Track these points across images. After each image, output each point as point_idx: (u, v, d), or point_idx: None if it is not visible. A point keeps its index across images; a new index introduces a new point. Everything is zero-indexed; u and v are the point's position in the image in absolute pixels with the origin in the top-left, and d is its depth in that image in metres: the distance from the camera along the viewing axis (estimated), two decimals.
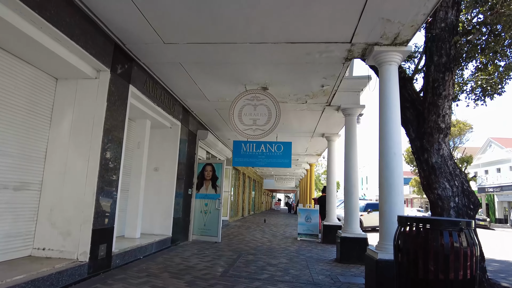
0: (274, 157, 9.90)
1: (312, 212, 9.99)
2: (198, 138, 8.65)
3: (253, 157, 10.00)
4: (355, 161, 6.75)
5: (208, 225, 8.28)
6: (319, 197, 11.10)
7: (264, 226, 13.58)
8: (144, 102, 5.74)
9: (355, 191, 6.64)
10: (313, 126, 8.97)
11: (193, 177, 8.48)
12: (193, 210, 8.38)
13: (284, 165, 9.93)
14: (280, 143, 9.91)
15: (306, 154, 14.06)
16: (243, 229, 11.89)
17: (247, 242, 8.53)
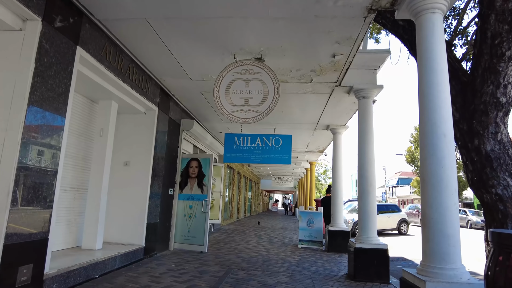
0: (271, 152, 8.63)
1: (315, 216, 8.70)
2: (182, 129, 7.34)
3: (248, 152, 8.73)
4: (372, 153, 5.47)
5: (193, 232, 6.97)
6: (322, 198, 9.83)
7: (260, 230, 12.28)
8: (104, 76, 4.44)
9: (371, 191, 5.36)
10: (317, 116, 7.69)
11: (175, 175, 7.17)
12: (175, 214, 7.07)
13: (283, 161, 8.66)
14: (279, 136, 8.64)
15: (307, 151, 12.79)
16: (237, 234, 10.58)
17: (239, 251, 7.22)
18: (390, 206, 15.46)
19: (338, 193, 8.25)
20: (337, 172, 8.37)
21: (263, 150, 8.66)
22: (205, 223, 6.87)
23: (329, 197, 9.48)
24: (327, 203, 9.38)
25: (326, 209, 9.19)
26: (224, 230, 11.54)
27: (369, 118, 5.56)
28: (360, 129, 5.58)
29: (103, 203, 5.03)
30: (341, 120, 8.01)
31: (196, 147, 9.05)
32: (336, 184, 8.31)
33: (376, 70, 5.65)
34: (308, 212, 8.81)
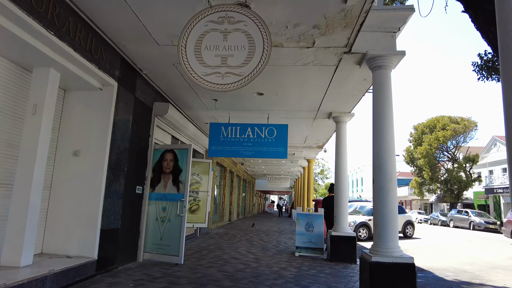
0: (264, 144, 7.39)
1: (315, 218, 7.44)
2: (154, 114, 6.05)
3: (237, 144, 7.48)
4: (392, 139, 4.23)
5: (167, 239, 5.68)
6: (324, 198, 8.57)
7: (252, 234, 11.00)
8: (33, 30, 3.17)
9: (392, 187, 4.11)
10: (318, 100, 6.44)
11: (145, 169, 5.88)
12: (144, 217, 5.78)
13: (278, 155, 7.41)
14: (273, 126, 7.39)
15: (305, 147, 11.54)
16: (225, 240, 9.29)
17: (224, 262, 5.95)
18: None
19: (342, 192, 7.01)
20: (340, 167, 7.13)
21: (255, 142, 7.41)
22: (180, 229, 5.58)
23: (331, 197, 8.24)
24: (329, 204, 8.13)
25: (329, 210, 7.94)
26: (212, 235, 10.25)
27: (387, 92, 4.32)
28: (376, 107, 4.34)
29: (34, 204, 3.72)
30: (347, 106, 6.77)
31: (176, 138, 7.76)
32: (339, 182, 7.07)
33: (396, 33, 4.41)
34: (307, 214, 7.55)
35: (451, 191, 33.32)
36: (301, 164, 16.53)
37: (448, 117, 33.75)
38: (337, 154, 7.21)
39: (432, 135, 33.37)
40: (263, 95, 6.21)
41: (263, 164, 17.72)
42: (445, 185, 33.69)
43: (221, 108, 7.22)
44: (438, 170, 34.73)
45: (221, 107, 7.14)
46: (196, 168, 9.76)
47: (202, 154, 10.07)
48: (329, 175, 32.95)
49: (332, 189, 8.35)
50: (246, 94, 6.25)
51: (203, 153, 10.11)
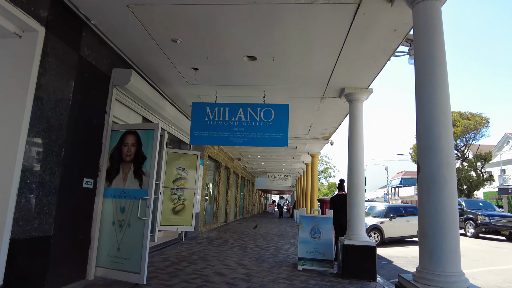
0: (260, 129, 5.97)
1: (322, 222, 5.98)
2: (113, 83, 4.60)
3: (225, 129, 6.06)
4: (447, 109, 2.76)
5: (125, 250, 4.23)
6: (333, 197, 7.09)
7: (248, 238, 9.55)
8: None
9: (450, 178, 2.64)
10: (329, 67, 4.98)
11: (99, 157, 4.43)
12: (97, 220, 4.33)
13: (277, 142, 5.99)
14: (270, 106, 5.97)
15: (309, 138, 10.06)
16: (215, 246, 7.84)
17: (203, 281, 4.49)
18: (409, 207, 12.75)
19: (358, 189, 5.54)
20: (355, 158, 5.66)
21: (248, 126, 5.97)
22: (143, 237, 4.13)
23: (342, 195, 6.77)
24: (339, 204, 6.67)
25: (338, 212, 6.47)
26: (200, 239, 8.80)
27: (437, 34, 2.84)
28: (421, 55, 2.87)
29: None
30: (364, 78, 5.30)
31: (147, 119, 6.30)
32: (354, 176, 5.60)
33: None
34: (312, 216, 6.08)
35: (461, 191, 31.78)
36: (304, 160, 15.05)
37: (458, 112, 32.14)
38: (351, 142, 5.74)
39: None
40: (256, 60, 4.75)
41: (262, 160, 16.26)
42: None
43: (205, 82, 5.76)
44: None
45: (205, 80, 5.68)
46: (182, 161, 8.33)
47: (188, 145, 8.63)
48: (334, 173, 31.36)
49: (342, 186, 6.89)
50: (234, 59, 4.79)
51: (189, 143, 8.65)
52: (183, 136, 7.94)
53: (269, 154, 14.24)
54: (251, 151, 13.48)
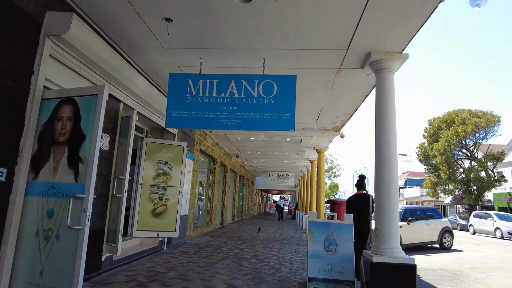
0: (258, 108, 4.56)
1: (339, 230, 4.56)
2: (45, 32, 3.17)
3: (212, 108, 4.64)
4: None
5: (50, 275, 2.80)
6: (350, 198, 5.65)
7: (245, 246, 8.13)
8: None
9: None
10: (353, 20, 3.55)
11: (19, 136, 3.01)
12: (11, 229, 2.90)
13: (281, 125, 4.58)
14: (272, 78, 4.56)
15: (316, 129, 8.62)
16: (203, 257, 6.43)
17: None
18: (429, 210, 11.31)
19: (390, 187, 4.10)
20: (385, 144, 4.22)
21: (242, 104, 4.57)
22: (76, 255, 2.71)
23: (362, 196, 5.35)
24: (360, 206, 5.25)
25: (358, 217, 5.05)
26: (187, 247, 7.39)
27: None
28: None
29: None
30: (399, 38, 3.87)
31: (117, 100, 4.87)
32: (384, 170, 4.16)
33: None
34: (326, 223, 4.64)
35: (470, 192, 30.31)
36: (308, 156, 13.63)
37: (468, 110, 30.66)
38: (380, 125, 4.31)
39: (451, 130, 30.29)
40: (251, 1, 3.32)
41: (262, 156, 14.83)
42: (464, 185, 30.65)
43: (184, 43, 4.34)
44: (456, 169, 31.69)
45: (183, 40, 4.24)
46: (164, 153, 6.94)
47: (173, 134, 7.21)
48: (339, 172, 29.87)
49: (362, 184, 5.47)
50: (221, 2, 3.36)
51: (175, 133, 7.24)
52: (160, 119, 6.51)
53: (270, 150, 12.82)
54: (250, 146, 12.05)
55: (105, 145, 4.51)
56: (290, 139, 10.19)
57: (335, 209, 7.21)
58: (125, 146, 4.71)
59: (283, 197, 47.41)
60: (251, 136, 10.29)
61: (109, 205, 4.66)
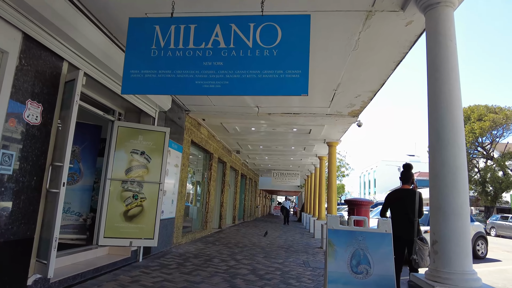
0: (254, 63, 3.05)
1: (372, 242, 3.12)
2: None
3: (188, 64, 3.12)
4: None
5: None
6: (391, 194, 4.18)
7: (243, 256, 6.71)
8: None
9: None
10: None
11: None
12: None
13: (288, 87, 3.11)
14: (274, 20, 3.07)
15: (329, 115, 7.16)
16: (182, 274, 5.01)
17: None
18: None
19: (457, 176, 2.65)
20: (445, 103, 2.77)
21: (231, 58, 3.11)
22: None
23: (407, 192, 3.95)
24: (403, 205, 3.83)
25: (400, 221, 3.62)
26: (170, 258, 5.99)
27: None
28: None
29: None
30: None
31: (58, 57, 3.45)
32: (445, 149, 2.72)
33: None
34: (353, 232, 3.20)
35: (486, 193, 28.61)
36: (317, 152, 12.18)
37: (485, 106, 28.97)
38: (437, 82, 2.87)
39: (466, 127, 28.57)
40: None
41: (265, 152, 13.39)
42: (480, 186, 28.95)
43: None
44: (472, 168, 29.98)
45: None
46: (141, 141, 5.60)
47: (152, 117, 5.82)
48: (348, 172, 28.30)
49: (409, 176, 4.05)
50: None
51: (154, 115, 5.85)
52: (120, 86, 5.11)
53: (274, 144, 11.39)
54: (251, 139, 10.63)
55: (33, 117, 3.12)
56: (297, 129, 8.75)
57: (354, 212, 5.76)
58: (67, 122, 3.32)
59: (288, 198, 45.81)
60: (252, 126, 8.87)
61: (41, 204, 3.28)
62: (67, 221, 5.65)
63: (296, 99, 6.31)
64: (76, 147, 5.87)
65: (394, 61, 4.52)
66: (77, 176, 5.82)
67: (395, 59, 4.47)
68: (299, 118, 7.25)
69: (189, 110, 7.42)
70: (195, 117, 7.86)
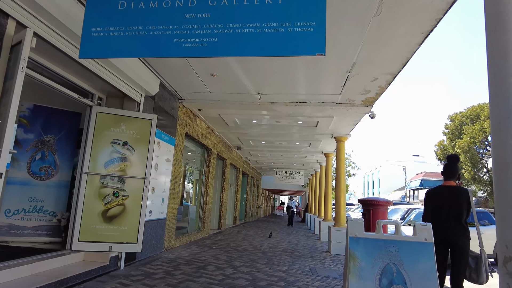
0: (251, 13, 2.15)
1: (407, 255, 2.35)
2: None
3: (164, 18, 2.28)
4: None
5: None
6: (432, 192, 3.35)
7: (242, 262, 5.94)
8: None
9: None
10: None
11: None
12: None
13: (297, 45, 2.31)
14: None
15: (340, 104, 6.37)
16: (174, 284, 4.25)
17: None
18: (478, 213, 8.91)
19: None
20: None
21: (221, 8, 2.34)
22: None
23: (455, 190, 3.16)
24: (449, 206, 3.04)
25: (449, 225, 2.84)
26: (158, 265, 5.23)
27: None
28: None
29: None
30: None
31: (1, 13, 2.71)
32: None
33: None
34: (383, 241, 2.42)
35: None
36: (323, 149, 11.40)
37: None
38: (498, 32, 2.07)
39: (475, 126, 27.65)
40: None
41: (268, 148, 12.61)
42: (489, 187, 28.00)
43: None
44: (481, 168, 29.03)
45: None
46: (123, 130, 4.87)
47: (137, 102, 5.07)
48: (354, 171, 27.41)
49: (454, 170, 3.27)
50: None
51: (139, 100, 5.09)
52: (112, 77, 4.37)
53: (277, 139, 10.62)
54: (252, 133, 9.87)
55: None
56: (303, 121, 7.97)
57: (371, 214, 4.95)
58: (9, 96, 2.57)
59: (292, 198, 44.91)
60: (253, 118, 8.10)
61: None
62: (39, 221, 4.91)
63: (302, 84, 5.53)
64: (51, 137, 5.14)
65: (422, 32, 3.73)
66: (52, 170, 5.08)
67: (424, 29, 3.68)
68: (306, 107, 6.47)
69: (182, 99, 6.67)
70: (190, 107, 7.10)
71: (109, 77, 4.42)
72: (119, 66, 4.31)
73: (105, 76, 4.35)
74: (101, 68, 4.21)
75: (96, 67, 4.12)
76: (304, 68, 4.85)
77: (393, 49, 4.16)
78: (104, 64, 4.21)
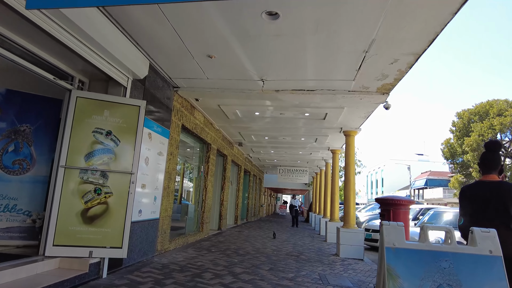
0: None
1: (466, 271, 1.70)
2: None
3: None
4: None
5: None
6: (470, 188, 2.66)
7: (241, 269, 5.32)
8: None
9: None
10: None
11: None
12: None
13: None
14: None
15: (353, 92, 5.72)
16: None
17: None
18: None
19: None
20: None
21: None
22: None
23: (497, 185, 2.46)
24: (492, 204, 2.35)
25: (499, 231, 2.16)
26: (147, 271, 4.62)
27: None
28: None
29: None
30: None
31: None
32: None
33: None
34: (433, 253, 1.79)
35: None
36: (330, 145, 10.76)
37: (505, 100, 27.21)
38: None
39: (484, 123, 26.87)
40: None
41: (271, 144, 11.98)
42: None
43: None
44: None
45: None
46: (107, 117, 4.25)
47: (123, 87, 4.45)
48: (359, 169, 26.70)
49: (496, 161, 2.58)
50: None
51: (125, 84, 4.47)
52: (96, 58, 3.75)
53: (281, 134, 9.99)
54: (254, 127, 9.24)
55: None
56: (310, 113, 7.33)
57: (390, 215, 4.28)
58: None
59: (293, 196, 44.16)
60: (256, 110, 7.48)
61: None
62: (11, 222, 4.31)
63: (311, 69, 4.89)
64: (27, 126, 4.54)
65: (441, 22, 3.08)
66: (27, 164, 4.48)
67: None
68: (315, 96, 5.84)
69: (178, 87, 6.05)
70: (186, 97, 6.48)
71: (90, 56, 3.80)
72: (102, 43, 3.70)
73: (86, 54, 3.74)
74: (80, 44, 3.60)
75: (74, 43, 3.51)
76: (315, 46, 4.21)
77: (420, 22, 3.51)
78: (84, 41, 3.60)
